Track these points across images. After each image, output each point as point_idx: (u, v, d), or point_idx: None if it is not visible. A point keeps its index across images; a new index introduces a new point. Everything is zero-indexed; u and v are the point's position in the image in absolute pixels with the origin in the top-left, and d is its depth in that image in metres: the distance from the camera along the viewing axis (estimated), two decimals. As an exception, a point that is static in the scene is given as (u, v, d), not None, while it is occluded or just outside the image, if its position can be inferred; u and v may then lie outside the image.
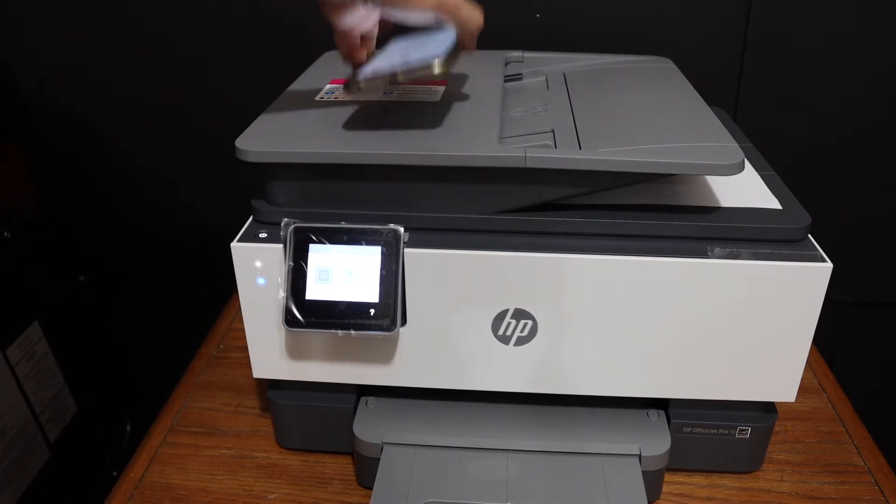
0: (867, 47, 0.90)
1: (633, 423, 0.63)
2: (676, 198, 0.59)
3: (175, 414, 0.73)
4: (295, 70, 0.74)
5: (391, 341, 0.58)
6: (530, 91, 0.74)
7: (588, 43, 0.90)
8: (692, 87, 0.69)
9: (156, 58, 0.98)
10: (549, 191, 0.56)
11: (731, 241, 0.55)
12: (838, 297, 1.04)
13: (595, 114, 0.64)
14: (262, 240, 0.56)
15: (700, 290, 0.54)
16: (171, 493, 0.64)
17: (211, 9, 0.94)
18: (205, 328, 0.87)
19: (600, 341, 0.57)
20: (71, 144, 1.04)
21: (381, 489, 0.58)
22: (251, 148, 0.55)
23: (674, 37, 0.91)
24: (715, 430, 0.63)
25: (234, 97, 0.96)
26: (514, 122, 0.64)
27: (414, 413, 0.64)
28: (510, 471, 0.60)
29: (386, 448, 0.62)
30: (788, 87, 0.93)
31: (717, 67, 0.92)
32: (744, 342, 0.56)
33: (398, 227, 0.55)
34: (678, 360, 0.58)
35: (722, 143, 0.55)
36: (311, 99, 0.65)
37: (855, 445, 0.69)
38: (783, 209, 0.58)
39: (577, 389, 0.60)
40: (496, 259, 0.54)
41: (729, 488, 0.64)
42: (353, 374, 0.60)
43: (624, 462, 0.61)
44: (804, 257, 0.54)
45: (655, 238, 0.56)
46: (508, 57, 0.79)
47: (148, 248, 1.11)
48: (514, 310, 0.56)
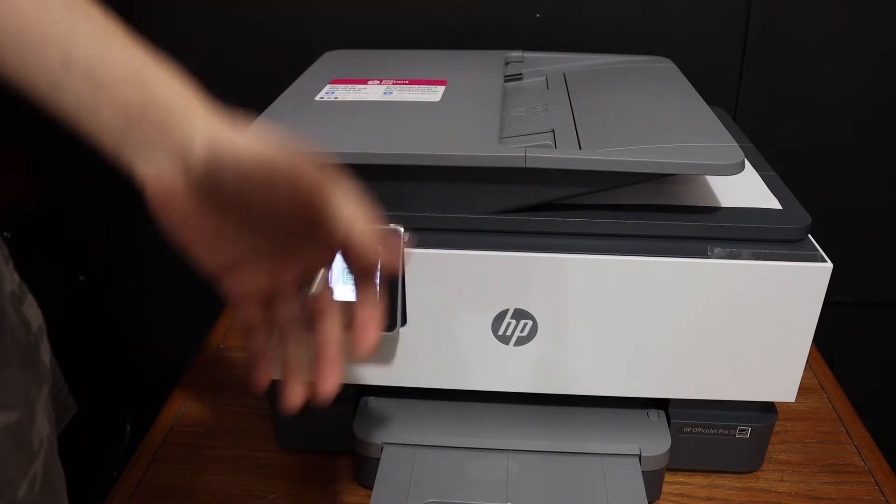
0: (867, 47, 0.90)
1: (633, 423, 0.63)
2: (676, 198, 0.59)
3: (175, 414, 0.73)
4: (295, 70, 0.74)
5: (391, 341, 0.58)
6: (530, 91, 0.74)
7: (588, 43, 0.90)
8: (692, 87, 0.69)
9: (156, 58, 0.98)
10: (549, 191, 0.56)
11: (731, 241, 0.55)
12: (838, 297, 1.04)
13: (595, 114, 0.64)
14: (262, 240, 0.56)
15: (700, 290, 0.54)
16: (171, 493, 0.64)
17: (211, 9, 0.94)
18: (205, 328, 0.87)
19: (600, 341, 0.57)
20: (71, 144, 1.04)
21: (381, 489, 0.58)
22: (251, 148, 0.55)
23: (674, 37, 0.91)
24: (715, 430, 0.63)
25: (234, 97, 0.96)
26: (514, 122, 0.64)
27: (414, 413, 0.64)
28: (510, 471, 0.60)
29: (386, 448, 0.62)
30: (788, 87, 0.93)
31: (717, 67, 0.92)
32: (744, 342, 0.56)
33: (398, 227, 0.55)
34: (678, 360, 0.58)
35: (722, 143, 0.55)
36: (311, 99, 0.65)
37: (855, 445, 0.69)
38: (783, 209, 0.58)
39: (577, 389, 0.60)
40: (496, 259, 0.54)
41: (729, 488, 0.64)
42: (353, 374, 0.60)
43: (624, 462, 0.61)
44: (804, 257, 0.54)
45: (655, 238, 0.56)
46: (508, 57, 0.79)
47: (148, 249, 1.11)
48: (514, 310, 0.56)
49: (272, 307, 0.41)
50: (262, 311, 0.41)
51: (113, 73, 0.36)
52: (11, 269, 0.39)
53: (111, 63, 0.36)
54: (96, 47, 0.36)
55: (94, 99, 0.36)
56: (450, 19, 0.91)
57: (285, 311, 0.41)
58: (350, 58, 0.79)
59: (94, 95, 0.35)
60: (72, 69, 0.35)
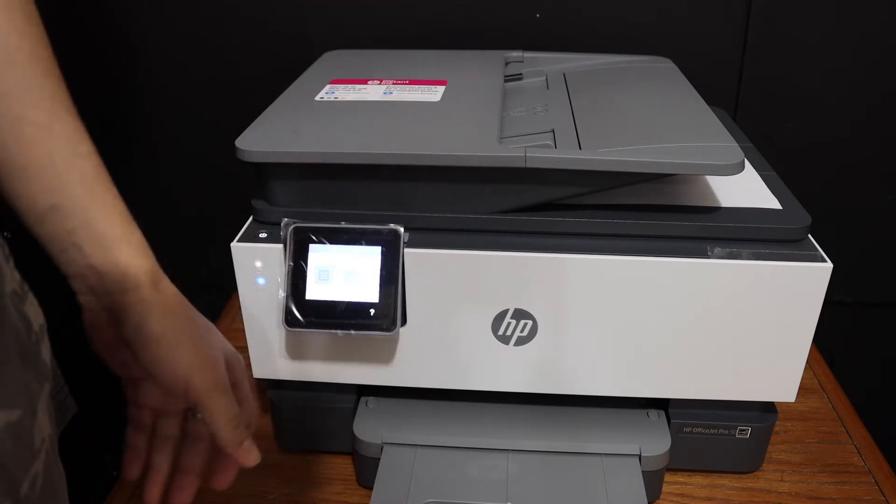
0: (867, 47, 0.90)
1: (633, 423, 0.63)
2: (676, 198, 0.59)
3: (175, 414, 0.73)
4: (295, 70, 0.74)
5: (391, 341, 0.58)
6: (530, 91, 0.74)
7: (588, 43, 0.90)
8: (692, 87, 0.69)
9: (156, 58, 0.97)
10: (549, 191, 0.56)
11: (731, 241, 0.55)
12: (838, 297, 1.04)
13: (595, 114, 0.64)
14: (262, 240, 0.56)
15: (700, 290, 0.54)
16: (171, 493, 0.64)
17: (211, 9, 0.94)
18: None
19: (600, 341, 0.57)
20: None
21: (381, 489, 0.58)
22: (251, 148, 0.55)
23: (674, 37, 0.91)
24: (715, 430, 0.63)
25: (234, 97, 0.96)
26: (514, 122, 0.64)
27: (414, 413, 0.64)
28: (510, 471, 0.60)
29: (386, 448, 0.62)
30: (788, 87, 0.93)
31: (717, 67, 0.92)
32: (744, 342, 0.56)
33: (398, 227, 0.55)
34: (678, 360, 0.58)
35: (722, 143, 0.55)
36: (311, 99, 0.65)
37: (855, 445, 0.69)
38: (783, 209, 0.58)
39: (577, 389, 0.60)
40: (496, 259, 0.54)
41: (729, 488, 0.64)
42: (353, 374, 0.60)
43: (624, 462, 0.61)
44: (804, 257, 0.54)
45: (655, 238, 0.56)
46: (508, 57, 0.79)
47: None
48: (514, 310, 0.56)
49: (160, 419, 0.48)
50: (150, 418, 0.48)
51: (86, 231, 0.40)
52: (12, 267, 0.39)
53: (89, 223, 0.40)
54: (81, 203, 0.40)
55: (64, 245, 0.40)
56: (450, 19, 0.91)
57: (167, 427, 0.48)
58: (350, 58, 0.79)
59: (64, 243, 0.40)
60: (54, 214, 0.39)
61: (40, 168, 0.38)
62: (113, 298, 0.42)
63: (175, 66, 0.98)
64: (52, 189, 0.39)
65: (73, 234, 0.40)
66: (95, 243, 0.40)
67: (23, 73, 0.37)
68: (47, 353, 0.41)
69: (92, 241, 0.40)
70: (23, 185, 0.38)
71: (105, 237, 0.41)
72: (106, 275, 0.41)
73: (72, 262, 0.40)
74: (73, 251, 0.40)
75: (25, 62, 0.38)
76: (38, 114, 0.38)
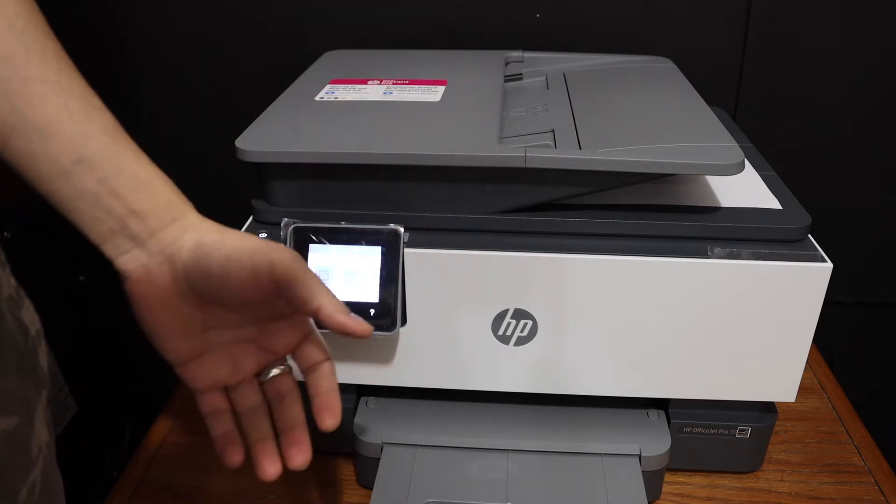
0: (867, 47, 0.90)
1: (633, 423, 0.63)
2: (676, 198, 0.59)
3: (175, 414, 0.73)
4: (295, 70, 0.74)
5: (391, 341, 0.58)
6: (530, 91, 0.74)
7: (588, 43, 0.90)
8: (692, 87, 0.69)
9: (156, 58, 0.97)
10: (549, 191, 0.56)
11: (731, 241, 0.55)
12: (838, 297, 1.04)
13: (595, 114, 0.64)
14: (262, 240, 0.56)
15: (700, 290, 0.54)
16: (171, 493, 0.64)
17: (211, 9, 0.94)
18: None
19: (600, 341, 0.57)
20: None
21: (381, 489, 0.58)
22: (251, 148, 0.55)
23: (674, 37, 0.91)
24: (715, 430, 0.63)
25: (234, 97, 0.96)
26: (514, 122, 0.64)
27: (414, 413, 0.64)
28: (510, 471, 0.60)
29: (386, 448, 0.62)
30: (788, 87, 0.93)
31: (717, 67, 0.92)
32: (744, 342, 0.56)
33: (398, 227, 0.55)
34: (678, 360, 0.58)
35: (722, 143, 0.55)
36: (311, 99, 0.65)
37: (855, 445, 0.69)
38: (783, 209, 0.58)
39: (577, 389, 0.60)
40: (496, 259, 0.54)
41: (729, 488, 0.64)
42: (353, 374, 0.60)
43: (624, 462, 0.61)
44: (804, 257, 0.54)
45: (655, 238, 0.56)
46: (508, 57, 0.79)
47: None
48: (514, 310, 0.56)
49: (233, 394, 0.46)
50: (224, 399, 0.45)
51: (120, 177, 0.39)
52: (8, 273, 0.39)
53: (121, 168, 0.39)
54: (109, 151, 0.39)
55: (97, 197, 0.39)
56: (450, 19, 0.91)
57: (246, 398, 0.46)
58: (350, 58, 0.79)
59: (97, 195, 0.39)
60: (82, 166, 0.38)
61: (58, 124, 0.37)
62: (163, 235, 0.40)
63: (175, 66, 0.98)
64: (75, 142, 0.38)
65: (106, 182, 0.39)
66: (132, 186, 0.40)
67: (23, 36, 0.37)
68: (45, 359, 0.41)
69: (129, 184, 0.39)
70: (42, 144, 0.37)
71: (140, 178, 0.40)
72: (150, 213, 0.40)
73: (108, 214, 0.39)
74: (108, 200, 0.39)
75: (24, 26, 0.37)
76: (46, 71, 0.38)
